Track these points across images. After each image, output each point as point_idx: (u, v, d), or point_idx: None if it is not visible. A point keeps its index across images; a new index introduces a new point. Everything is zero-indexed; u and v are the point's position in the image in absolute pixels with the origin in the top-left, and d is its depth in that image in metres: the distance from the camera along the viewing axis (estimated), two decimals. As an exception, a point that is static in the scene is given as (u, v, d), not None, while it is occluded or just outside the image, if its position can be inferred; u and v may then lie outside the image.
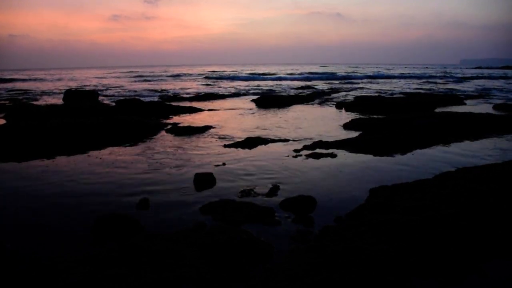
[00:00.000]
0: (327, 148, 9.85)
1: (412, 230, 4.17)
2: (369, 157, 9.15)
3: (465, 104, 21.72)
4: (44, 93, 31.14)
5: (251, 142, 10.56)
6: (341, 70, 74.39)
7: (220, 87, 36.85)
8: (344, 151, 9.64)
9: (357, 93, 28.22)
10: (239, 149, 10.02)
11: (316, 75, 55.69)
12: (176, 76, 57.63)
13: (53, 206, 6.07)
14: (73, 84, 39.57)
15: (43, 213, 5.81)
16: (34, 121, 11.76)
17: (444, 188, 5.62)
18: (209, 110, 18.29)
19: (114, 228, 5.05)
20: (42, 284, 3.19)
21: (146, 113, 15.94)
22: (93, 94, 20.16)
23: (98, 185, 7.16)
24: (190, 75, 61.96)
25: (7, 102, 22.72)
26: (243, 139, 11.03)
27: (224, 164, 8.47)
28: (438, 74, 61.04)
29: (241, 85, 39.26)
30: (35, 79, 52.18)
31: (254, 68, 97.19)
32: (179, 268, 3.47)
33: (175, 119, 15.60)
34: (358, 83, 39.93)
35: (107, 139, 11.33)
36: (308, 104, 21.30)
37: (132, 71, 78.60)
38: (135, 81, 45.34)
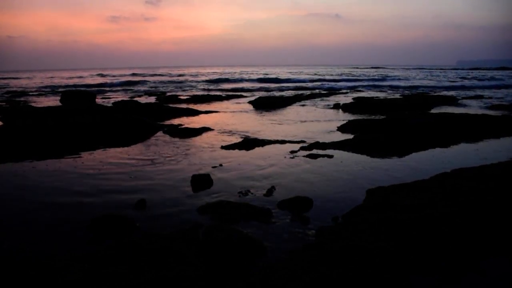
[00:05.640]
0: (324, 149, 9.88)
1: (410, 228, 4.19)
2: (366, 158, 9.19)
3: (460, 104, 21.82)
4: (41, 94, 31.11)
5: (248, 143, 10.59)
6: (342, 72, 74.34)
7: (217, 88, 36.88)
8: (341, 152, 9.68)
9: (355, 95, 28.26)
10: (236, 150, 10.05)
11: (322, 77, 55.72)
12: (176, 78, 57.50)
13: (50, 206, 6.08)
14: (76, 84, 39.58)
15: (40, 212, 5.82)
16: (30, 121, 11.77)
17: (442, 187, 5.66)
18: (206, 111, 18.30)
19: (110, 228, 5.08)
20: (40, 282, 3.22)
21: (143, 114, 15.93)
22: (91, 95, 20.13)
23: (95, 185, 7.17)
24: (189, 75, 61.91)
25: (4, 103, 22.69)
26: (240, 140, 11.06)
27: (221, 165, 8.49)
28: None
29: (238, 86, 39.28)
30: (33, 81, 52.09)
31: (253, 69, 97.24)
32: (177, 266, 3.49)
33: (172, 120, 15.62)
34: (358, 86, 39.96)
35: (105, 139, 11.33)
36: (305, 105, 21.35)
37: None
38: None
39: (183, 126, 13.60)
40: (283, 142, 10.94)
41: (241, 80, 49.34)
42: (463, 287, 3.69)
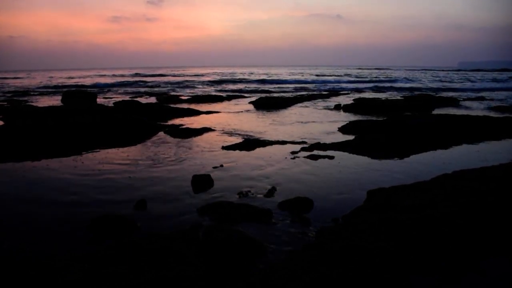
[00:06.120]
0: (324, 150, 9.87)
1: (410, 229, 4.19)
2: (367, 159, 9.18)
3: (462, 106, 21.80)
4: (42, 94, 31.14)
5: (249, 144, 10.58)
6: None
7: (218, 89, 36.91)
8: (341, 153, 9.67)
9: (357, 95, 28.23)
10: (237, 151, 10.04)
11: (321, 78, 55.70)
12: (177, 78, 57.47)
13: (50, 206, 6.08)
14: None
15: (40, 212, 5.83)
16: (30, 120, 11.78)
17: (443, 188, 5.65)
18: (207, 112, 18.30)
19: (110, 228, 5.09)
20: (40, 282, 3.22)
21: (144, 115, 15.94)
22: (92, 95, 20.16)
23: (95, 185, 7.17)
24: (189, 76, 61.87)
25: (5, 103, 22.70)
26: (241, 141, 11.06)
27: (222, 165, 8.49)
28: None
29: (239, 87, 39.30)
30: (34, 80, 52.14)
31: (254, 69, 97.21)
32: (177, 266, 3.49)
33: (174, 121, 15.62)
34: (359, 87, 39.95)
35: (105, 140, 11.34)
36: (306, 106, 21.34)
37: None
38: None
39: (184, 126, 13.60)
40: (284, 142, 10.93)
41: (242, 81, 49.32)
42: (463, 287, 3.69)
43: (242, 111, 19.09)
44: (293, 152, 9.68)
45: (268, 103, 21.51)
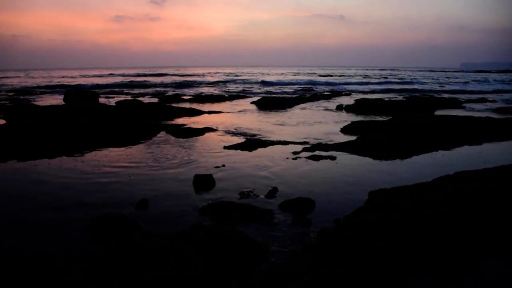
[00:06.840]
0: (326, 151, 9.86)
1: (410, 229, 4.18)
2: (369, 160, 9.16)
3: (464, 107, 21.76)
4: (45, 93, 31.22)
5: (250, 144, 10.58)
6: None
7: (220, 89, 36.92)
8: (343, 153, 9.66)
9: (359, 96, 28.20)
10: (239, 151, 10.04)
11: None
12: (179, 78, 57.50)
13: (50, 206, 6.08)
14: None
15: (40, 212, 5.82)
16: (31, 120, 11.79)
17: (444, 189, 5.64)
18: (209, 112, 18.31)
19: (110, 228, 5.09)
20: (40, 282, 3.21)
21: (146, 114, 15.96)
22: (94, 94, 20.17)
23: (95, 185, 7.17)
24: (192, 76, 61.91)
25: (7, 102, 22.75)
26: (243, 141, 11.05)
27: (223, 165, 8.48)
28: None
29: (241, 87, 39.32)
30: (37, 79, 52.24)
31: (255, 70, 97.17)
32: (177, 266, 3.49)
33: (175, 120, 15.62)
34: (362, 88, 39.91)
35: (105, 140, 11.34)
36: (308, 107, 21.33)
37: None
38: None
39: (185, 126, 13.61)
40: (285, 143, 10.91)
41: (244, 81, 49.36)
42: (463, 287, 3.68)
43: (244, 111, 19.09)
44: (295, 153, 9.67)
45: (270, 103, 21.52)
